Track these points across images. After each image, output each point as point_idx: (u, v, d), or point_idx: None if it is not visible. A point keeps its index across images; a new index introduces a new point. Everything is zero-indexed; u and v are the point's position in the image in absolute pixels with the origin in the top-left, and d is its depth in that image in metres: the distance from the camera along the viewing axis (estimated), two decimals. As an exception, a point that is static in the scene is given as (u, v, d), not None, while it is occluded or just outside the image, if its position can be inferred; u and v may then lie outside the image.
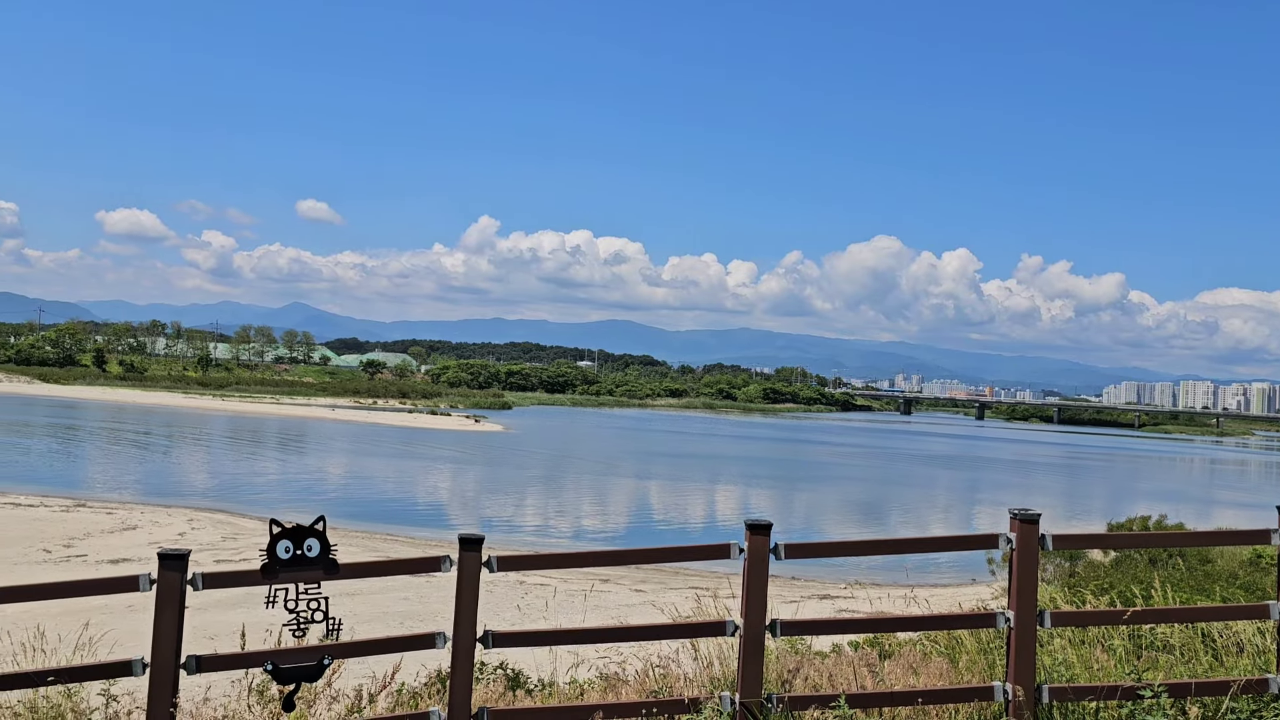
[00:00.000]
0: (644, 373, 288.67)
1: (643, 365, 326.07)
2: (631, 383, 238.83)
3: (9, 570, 23.86)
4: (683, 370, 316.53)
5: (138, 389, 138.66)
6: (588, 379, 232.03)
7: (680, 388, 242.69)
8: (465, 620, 5.87)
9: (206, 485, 45.60)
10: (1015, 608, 6.24)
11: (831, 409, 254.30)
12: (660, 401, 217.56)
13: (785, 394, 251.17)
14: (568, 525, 39.89)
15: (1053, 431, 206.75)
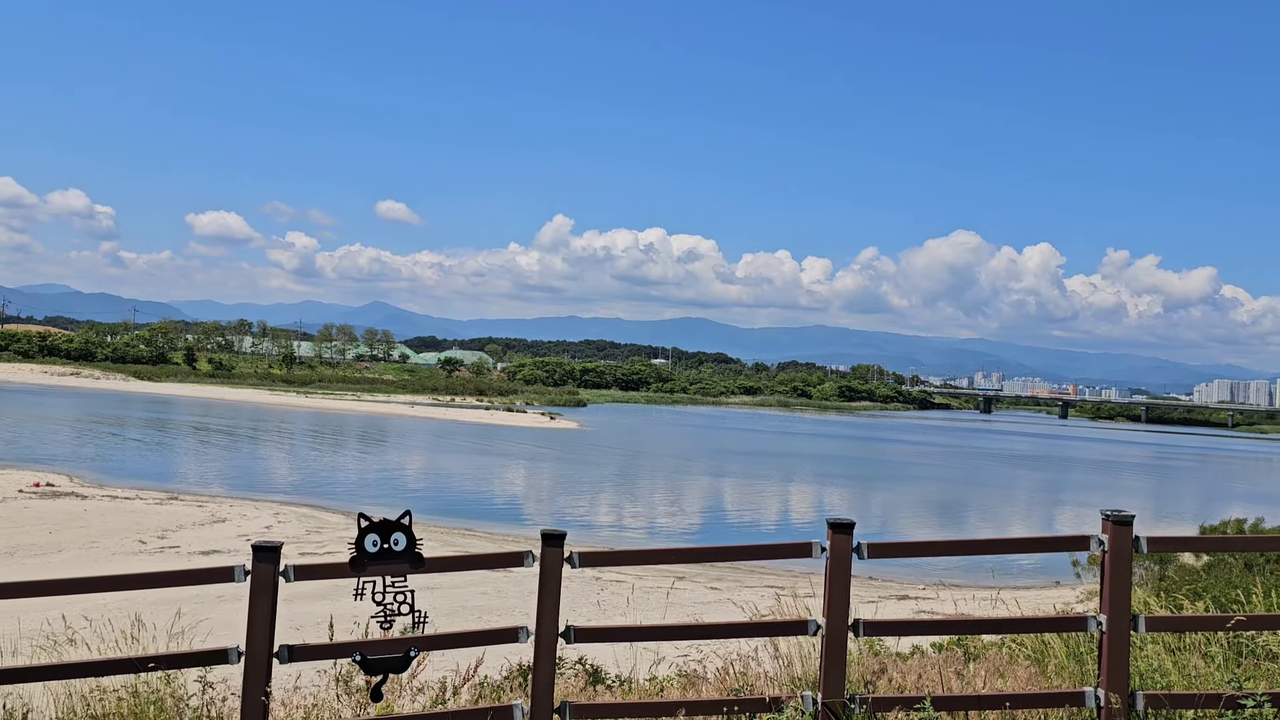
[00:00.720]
0: (718, 370, 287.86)
1: (716, 363, 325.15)
2: (705, 380, 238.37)
3: (107, 560, 24.82)
4: (757, 368, 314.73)
5: (226, 386, 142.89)
6: (662, 376, 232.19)
7: (754, 385, 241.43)
8: (548, 615, 5.92)
9: (291, 480, 46.78)
10: (1108, 611, 6.07)
11: (908, 407, 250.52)
12: (734, 399, 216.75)
13: (861, 392, 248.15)
14: (642, 522, 39.98)
15: (1140, 431, 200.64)
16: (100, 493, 36.81)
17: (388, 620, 5.93)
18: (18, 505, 32.72)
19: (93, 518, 30.91)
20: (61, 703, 6.39)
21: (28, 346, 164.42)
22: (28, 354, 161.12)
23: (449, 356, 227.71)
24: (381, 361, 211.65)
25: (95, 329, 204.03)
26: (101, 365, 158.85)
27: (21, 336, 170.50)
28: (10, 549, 25.04)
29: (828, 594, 6.08)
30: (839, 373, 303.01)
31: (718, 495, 52.19)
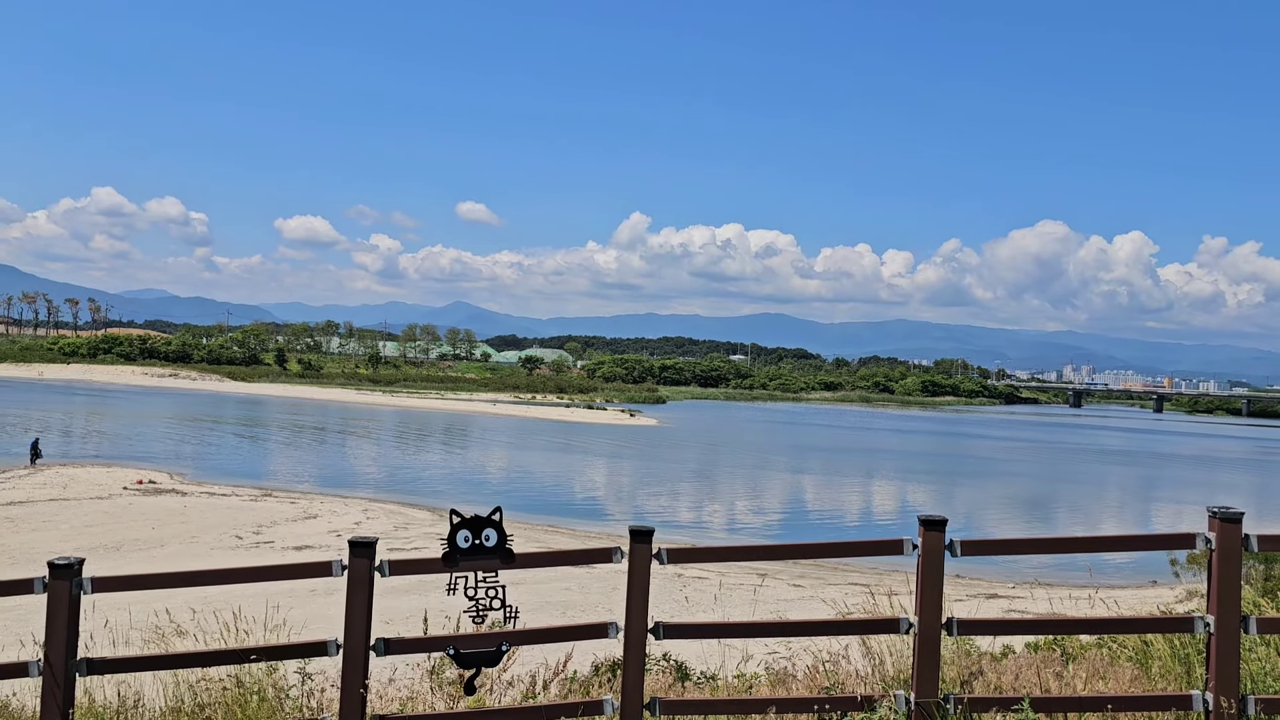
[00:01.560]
0: (797, 366, 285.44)
1: (796, 358, 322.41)
2: (785, 376, 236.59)
3: (206, 554, 25.68)
4: (837, 363, 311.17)
5: (315, 386, 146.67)
6: (741, 373, 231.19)
7: (835, 381, 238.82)
8: (637, 611, 5.94)
9: (378, 477, 47.80)
10: (1216, 612, 5.85)
11: (994, 402, 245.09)
12: (814, 395, 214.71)
13: (945, 387, 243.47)
14: (723, 519, 39.87)
15: (1242, 425, 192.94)
16: (199, 490, 38.12)
17: (480, 615, 6.02)
18: (123, 502, 34.08)
19: (192, 514, 32.03)
20: (170, 691, 6.63)
21: (129, 349, 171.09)
22: (129, 357, 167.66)
23: (530, 355, 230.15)
24: (464, 360, 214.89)
25: (192, 332, 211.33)
26: (198, 367, 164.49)
27: (123, 340, 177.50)
28: (117, 544, 26.10)
29: (919, 591, 5.98)
30: (921, 367, 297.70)
31: (798, 492, 51.76)
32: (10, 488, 36.42)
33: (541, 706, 6.08)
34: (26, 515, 30.26)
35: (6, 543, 25.99)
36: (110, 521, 29.95)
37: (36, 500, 33.36)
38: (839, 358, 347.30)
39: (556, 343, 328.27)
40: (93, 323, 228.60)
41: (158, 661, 6.20)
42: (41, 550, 25.05)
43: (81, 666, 5.87)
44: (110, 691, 6.73)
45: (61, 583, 5.74)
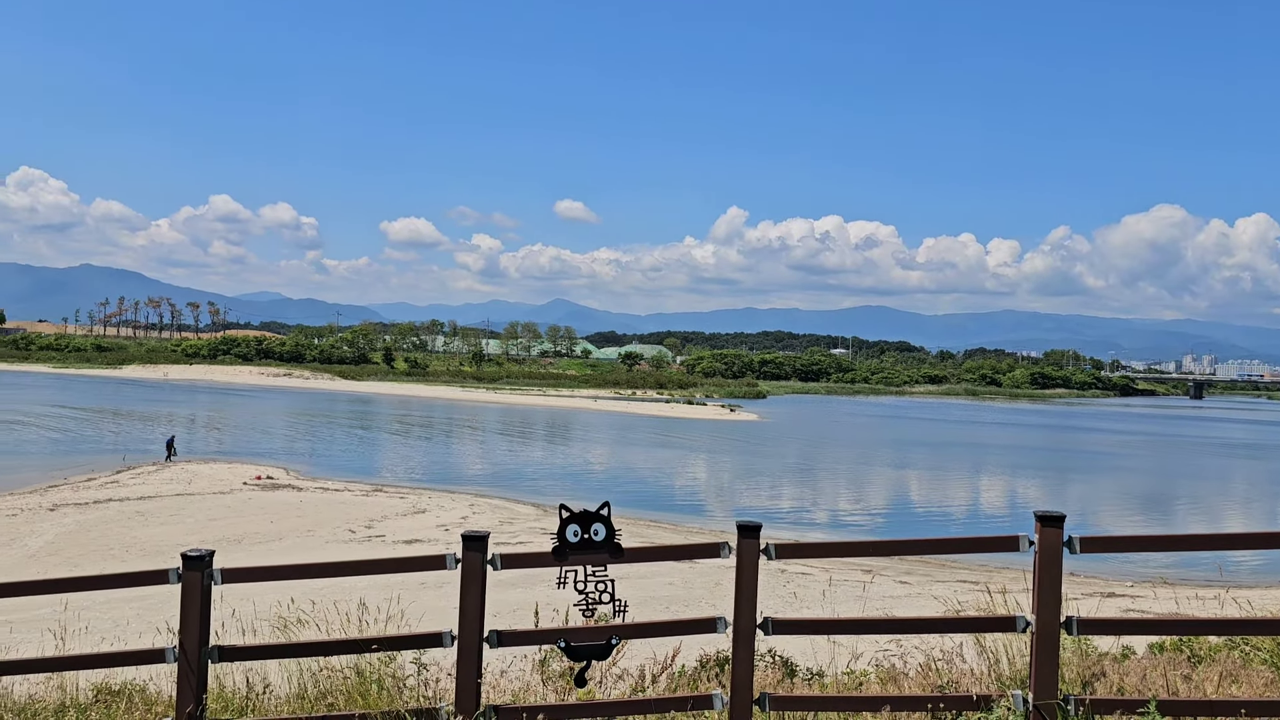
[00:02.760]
0: (900, 359, 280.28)
1: (898, 351, 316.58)
2: (887, 369, 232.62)
3: (321, 547, 26.58)
4: (941, 356, 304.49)
5: (421, 383, 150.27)
6: (842, 366, 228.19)
7: (939, 374, 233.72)
8: (745, 606, 5.93)
9: (483, 473, 48.71)
10: (1359, 614, 5.54)
11: (1108, 394, 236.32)
12: (918, 389, 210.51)
13: (1055, 379, 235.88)
14: (825, 515, 39.43)
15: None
16: (313, 485, 39.45)
17: (590, 608, 6.09)
18: (243, 496, 35.52)
19: (307, 508, 33.17)
20: (294, 679, 6.89)
21: (246, 350, 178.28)
22: (246, 357, 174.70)
23: (629, 351, 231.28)
24: (564, 357, 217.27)
25: (304, 332, 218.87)
26: (310, 366, 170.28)
27: (241, 341, 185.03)
28: (238, 537, 27.21)
29: (1037, 589, 5.81)
30: (1030, 359, 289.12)
31: (902, 487, 50.83)
32: (140, 483, 38.32)
33: (651, 700, 6.12)
34: (155, 509, 31.79)
35: (137, 535, 27.36)
36: (232, 516, 31.25)
37: (164, 495, 35.02)
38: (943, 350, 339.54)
39: (655, 339, 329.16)
40: (212, 325, 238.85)
41: (283, 650, 6.45)
42: (169, 543, 26.30)
43: (213, 654, 6.15)
44: (239, 678, 7.04)
45: (194, 573, 6.02)
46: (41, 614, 15.66)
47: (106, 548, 25.54)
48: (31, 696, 7.10)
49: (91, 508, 31.79)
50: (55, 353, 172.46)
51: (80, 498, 33.94)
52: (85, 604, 15.24)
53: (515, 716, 6.02)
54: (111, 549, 25.41)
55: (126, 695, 7.18)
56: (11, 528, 27.95)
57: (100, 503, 32.86)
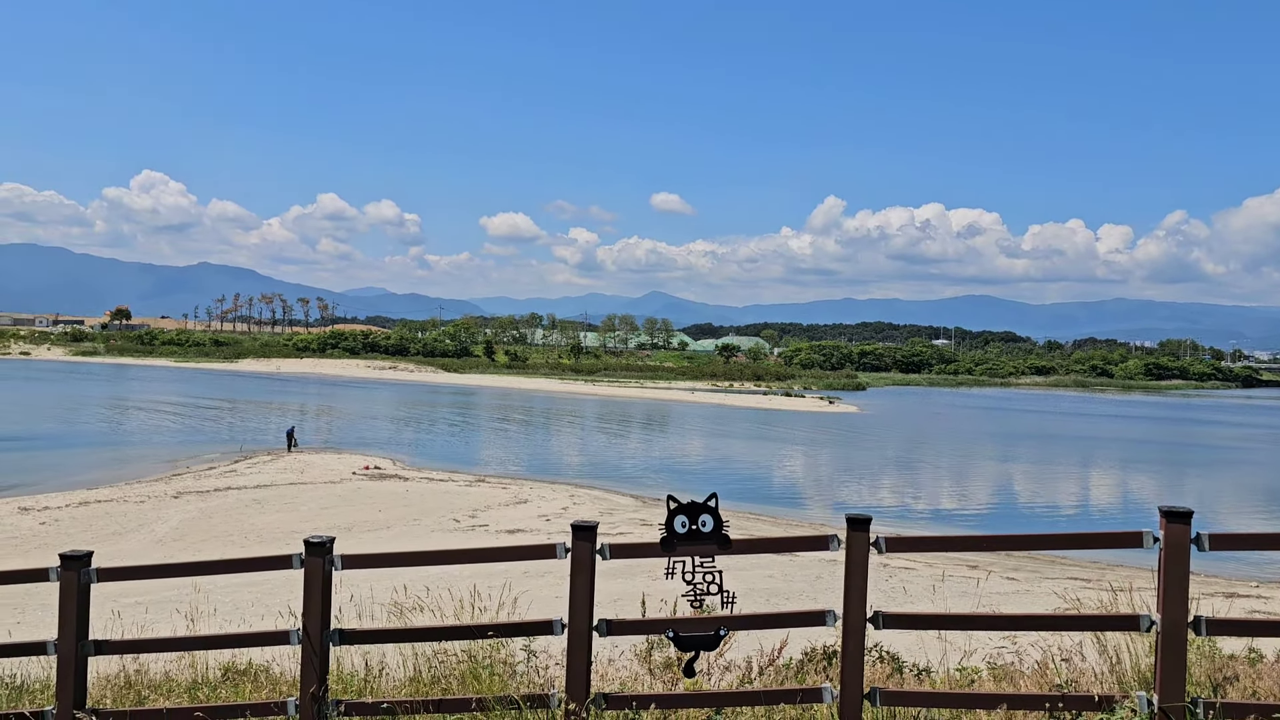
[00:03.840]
0: (1005, 350, 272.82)
1: (1003, 342, 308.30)
2: (992, 361, 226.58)
3: (427, 536, 27.23)
4: (1049, 346, 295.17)
5: (521, 376, 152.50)
6: (944, 358, 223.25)
7: (1047, 365, 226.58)
8: (855, 599, 5.87)
9: (583, 464, 49.21)
10: None
11: (1229, 385, 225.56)
12: (1024, 380, 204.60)
13: (1171, 369, 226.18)
14: (926, 508, 38.67)
15: None
16: (419, 475, 40.44)
17: (697, 599, 6.11)
18: (353, 486, 36.63)
19: (413, 498, 34.03)
20: (409, 663, 7.10)
21: (353, 344, 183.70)
22: (354, 351, 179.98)
23: (726, 343, 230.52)
24: (661, 349, 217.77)
25: (408, 326, 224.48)
26: (414, 359, 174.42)
27: (348, 335, 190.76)
28: (349, 525, 28.08)
29: (1162, 588, 5.60)
30: (1144, 349, 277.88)
31: (1006, 481, 49.51)
32: (256, 472, 39.87)
33: (760, 691, 6.11)
34: (271, 498, 33.04)
35: (254, 522, 28.48)
36: (342, 504, 32.27)
37: (278, 484, 36.35)
38: (1051, 340, 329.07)
39: (752, 330, 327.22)
40: (321, 320, 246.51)
41: (400, 635, 6.65)
42: (283, 530, 27.32)
43: (334, 637, 6.37)
44: (357, 661, 7.28)
45: (316, 559, 6.24)
46: (168, 595, 16.46)
47: (226, 534, 26.65)
48: (167, 674, 7.47)
49: (212, 495, 33.21)
50: (177, 347, 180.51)
51: (201, 486, 35.49)
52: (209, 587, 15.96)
53: (625, 704, 6.08)
54: (231, 535, 26.51)
55: (252, 674, 7.51)
56: (140, 514, 29.41)
57: (220, 491, 34.30)
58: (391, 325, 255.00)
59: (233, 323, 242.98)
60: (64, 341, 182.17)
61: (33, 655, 7.05)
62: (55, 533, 26.25)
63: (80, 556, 6.40)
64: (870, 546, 5.93)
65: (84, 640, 6.41)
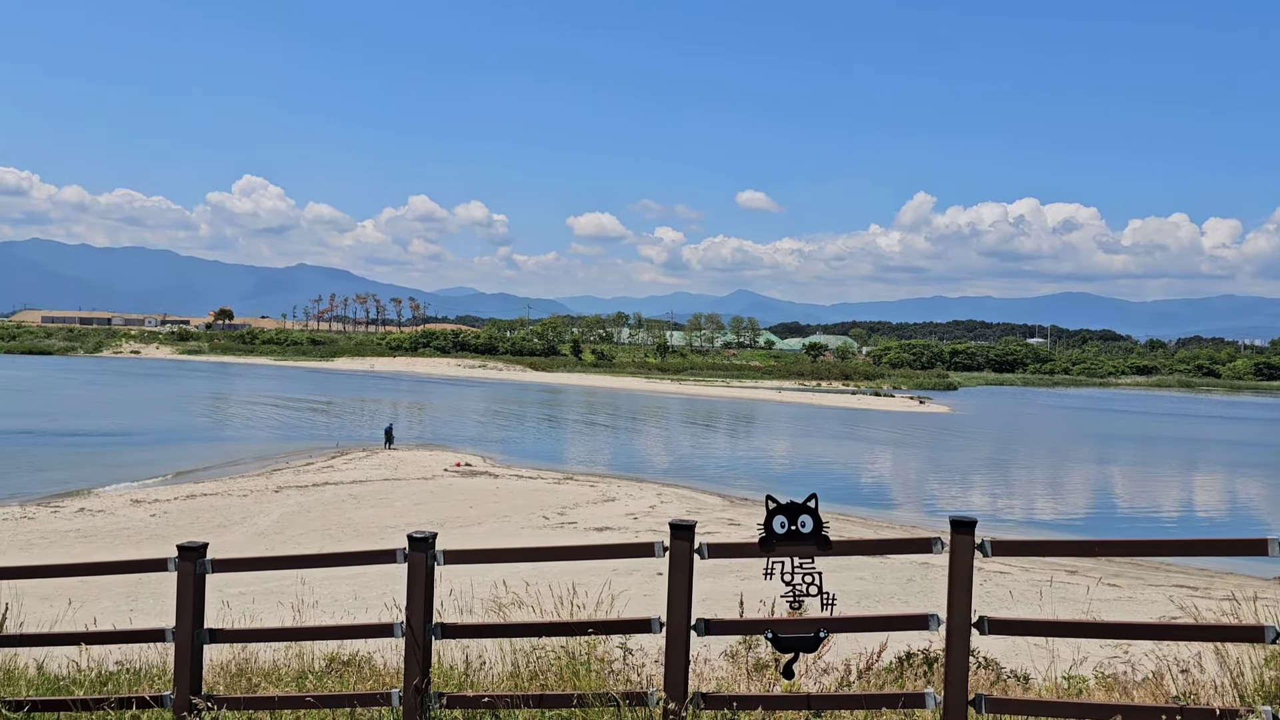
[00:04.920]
0: (1104, 349, 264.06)
1: (1102, 340, 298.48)
2: (1090, 360, 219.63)
3: (517, 533, 27.58)
4: (1151, 345, 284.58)
5: (607, 374, 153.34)
6: (1039, 357, 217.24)
7: (1149, 364, 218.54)
8: (960, 603, 5.74)
9: (670, 462, 49.26)
10: None
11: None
12: (1125, 380, 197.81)
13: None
14: (1020, 511, 37.68)
15: None
16: (508, 472, 40.98)
17: (796, 600, 6.05)
18: (444, 482, 37.31)
19: (503, 495, 34.50)
20: (508, 658, 7.19)
21: (444, 343, 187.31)
22: (444, 349, 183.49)
23: (813, 341, 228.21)
24: (748, 348, 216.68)
25: (496, 326, 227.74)
26: (503, 358, 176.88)
27: (439, 334, 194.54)
28: (441, 521, 28.59)
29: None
30: (1254, 348, 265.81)
31: (1105, 483, 47.96)
32: (352, 468, 40.90)
33: (861, 695, 6.02)
34: (366, 493, 33.85)
35: (351, 517, 29.22)
36: (435, 500, 32.89)
37: (373, 480, 37.23)
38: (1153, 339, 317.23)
39: (840, 329, 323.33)
40: (413, 319, 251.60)
41: (501, 630, 6.73)
42: (379, 525, 27.97)
43: (436, 631, 6.49)
44: (457, 654, 7.40)
45: (419, 554, 6.37)
46: (270, 587, 17.00)
47: (324, 528, 27.40)
48: (275, 663, 7.71)
49: (310, 490, 34.18)
50: (276, 346, 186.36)
51: (300, 481, 36.55)
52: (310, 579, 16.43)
53: (724, 704, 6.05)
54: (329, 529, 27.25)
55: (356, 665, 7.69)
56: (243, 507, 30.44)
57: (318, 485, 35.28)
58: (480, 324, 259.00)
59: (329, 322, 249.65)
60: (171, 341, 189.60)
61: (151, 642, 7.34)
62: (164, 524, 27.34)
63: (196, 548, 6.64)
64: (975, 550, 5.80)
65: (199, 629, 6.65)
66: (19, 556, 21.30)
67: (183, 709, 6.53)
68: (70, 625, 8.89)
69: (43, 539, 24.99)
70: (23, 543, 23.74)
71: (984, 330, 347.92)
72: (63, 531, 26.19)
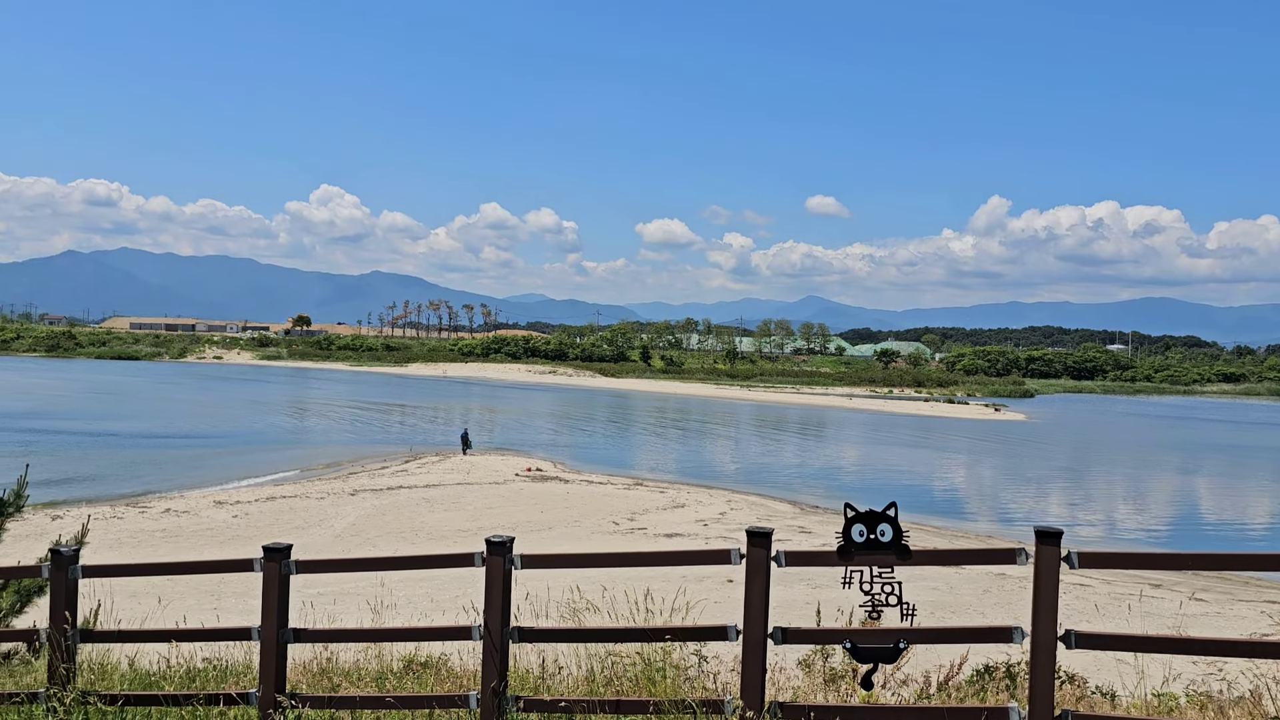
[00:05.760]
0: (1188, 355, 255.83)
1: (1186, 347, 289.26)
2: (1173, 367, 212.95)
3: (588, 538, 27.67)
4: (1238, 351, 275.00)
5: (677, 381, 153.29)
6: (1120, 364, 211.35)
7: (1237, 371, 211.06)
8: (1045, 616, 5.60)
9: (738, 469, 49.02)
10: None
11: None
12: (1211, 388, 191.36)
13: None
14: (1101, 523, 36.66)
15: None
16: (578, 478, 41.18)
17: (875, 610, 5.97)
18: (516, 487, 37.65)
19: (573, 500, 34.68)
20: (584, 663, 7.22)
21: (515, 349, 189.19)
22: (515, 355, 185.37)
23: (885, 348, 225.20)
24: (818, 354, 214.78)
25: (566, 332, 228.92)
26: (573, 364, 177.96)
27: (510, 340, 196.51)
28: (512, 525, 28.85)
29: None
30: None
31: (1189, 495, 46.46)
32: (425, 472, 41.51)
33: (942, 708, 5.90)
34: (439, 497, 34.32)
35: (424, 520, 29.65)
36: (506, 504, 33.20)
37: (445, 484, 37.73)
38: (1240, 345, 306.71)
39: (912, 335, 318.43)
40: (484, 325, 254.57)
41: (577, 635, 6.76)
42: (451, 528, 28.34)
43: (513, 634, 6.53)
44: (533, 658, 7.45)
45: (497, 558, 6.42)
46: (347, 588, 17.31)
47: (399, 531, 27.85)
48: (356, 663, 7.85)
49: (385, 494, 34.77)
50: (351, 352, 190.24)
51: (375, 484, 37.21)
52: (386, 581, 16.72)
53: (801, 714, 5.99)
54: (403, 532, 27.68)
55: (434, 667, 7.79)
56: (320, 509, 31.09)
57: (392, 489, 35.87)
58: (551, 331, 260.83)
59: (402, 328, 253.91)
60: (251, 346, 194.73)
61: (237, 640, 7.53)
62: (246, 525, 28.05)
63: (282, 549, 6.79)
64: (1061, 562, 5.66)
65: (284, 628, 6.80)
66: (109, 555, 22.02)
67: (268, 706, 6.68)
68: (159, 622, 9.17)
69: (131, 538, 25.82)
70: (112, 541, 24.55)
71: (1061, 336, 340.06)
72: (149, 531, 27.03)
